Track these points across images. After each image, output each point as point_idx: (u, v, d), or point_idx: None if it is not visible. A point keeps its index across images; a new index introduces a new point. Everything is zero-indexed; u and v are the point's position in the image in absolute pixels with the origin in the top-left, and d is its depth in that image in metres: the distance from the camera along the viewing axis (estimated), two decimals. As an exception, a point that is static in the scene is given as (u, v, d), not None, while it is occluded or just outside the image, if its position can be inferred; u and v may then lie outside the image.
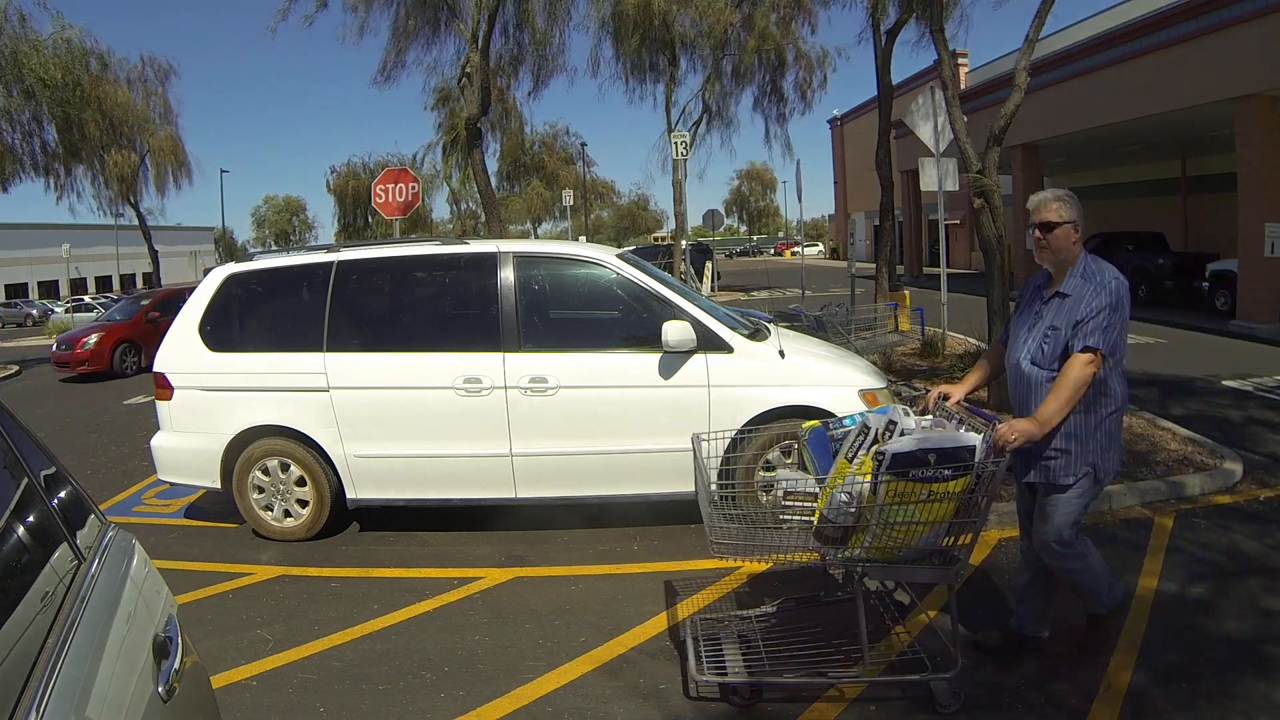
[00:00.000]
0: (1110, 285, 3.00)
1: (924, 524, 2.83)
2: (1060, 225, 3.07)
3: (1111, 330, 2.95)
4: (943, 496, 2.80)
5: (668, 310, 4.76)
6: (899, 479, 2.77)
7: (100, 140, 22.92)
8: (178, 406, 5.06)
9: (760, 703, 3.07)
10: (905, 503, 2.80)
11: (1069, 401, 2.93)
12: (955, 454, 2.79)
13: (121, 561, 1.74)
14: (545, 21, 17.99)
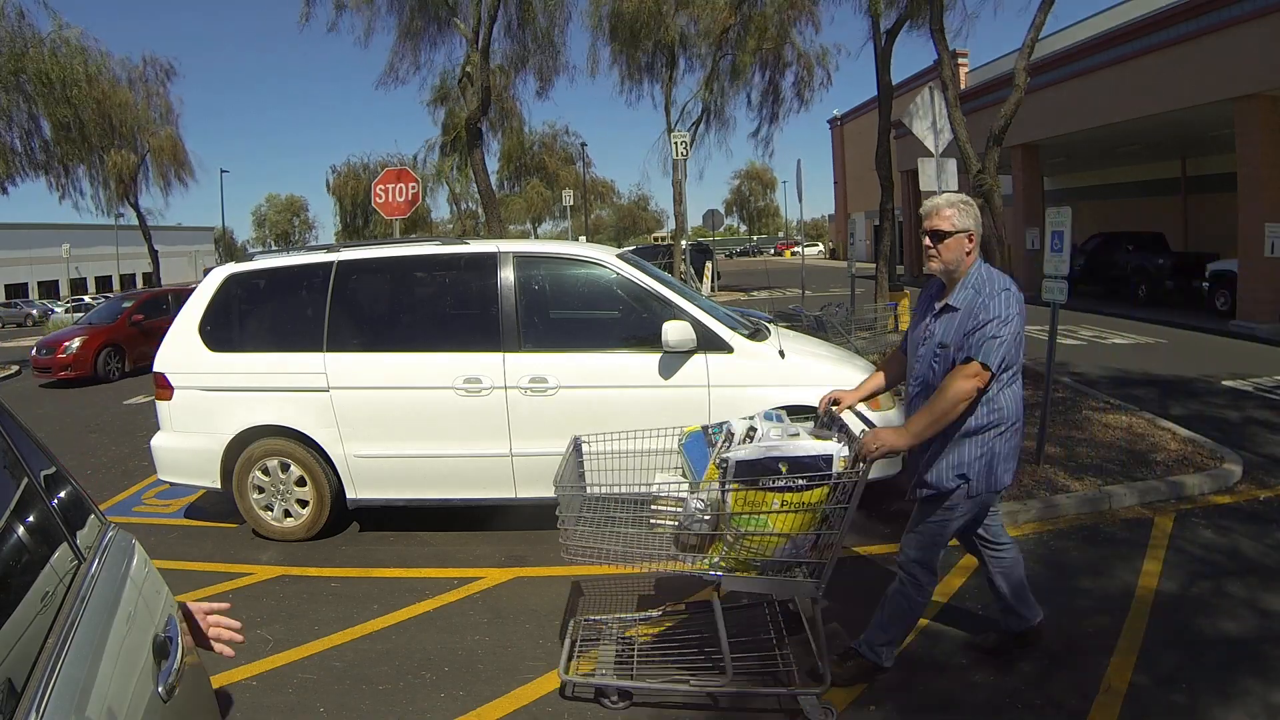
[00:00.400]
0: (1000, 297, 2.83)
1: (779, 535, 2.72)
2: (953, 234, 2.91)
3: (1000, 345, 2.78)
4: (797, 507, 2.70)
5: (668, 310, 4.76)
6: (748, 487, 2.70)
7: (100, 140, 22.91)
8: (178, 406, 5.06)
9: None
10: (756, 512, 2.70)
11: (943, 416, 2.79)
12: (811, 463, 2.70)
13: (121, 561, 1.74)
14: (545, 21, 18.02)
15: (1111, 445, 6.03)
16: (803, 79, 24.52)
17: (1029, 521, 4.81)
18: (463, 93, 16.89)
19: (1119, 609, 3.68)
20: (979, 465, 2.89)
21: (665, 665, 3.18)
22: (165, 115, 26.00)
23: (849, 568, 4.29)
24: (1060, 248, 5.45)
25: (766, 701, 3.05)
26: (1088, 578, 4.05)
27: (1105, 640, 3.40)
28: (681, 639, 3.35)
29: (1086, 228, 20.45)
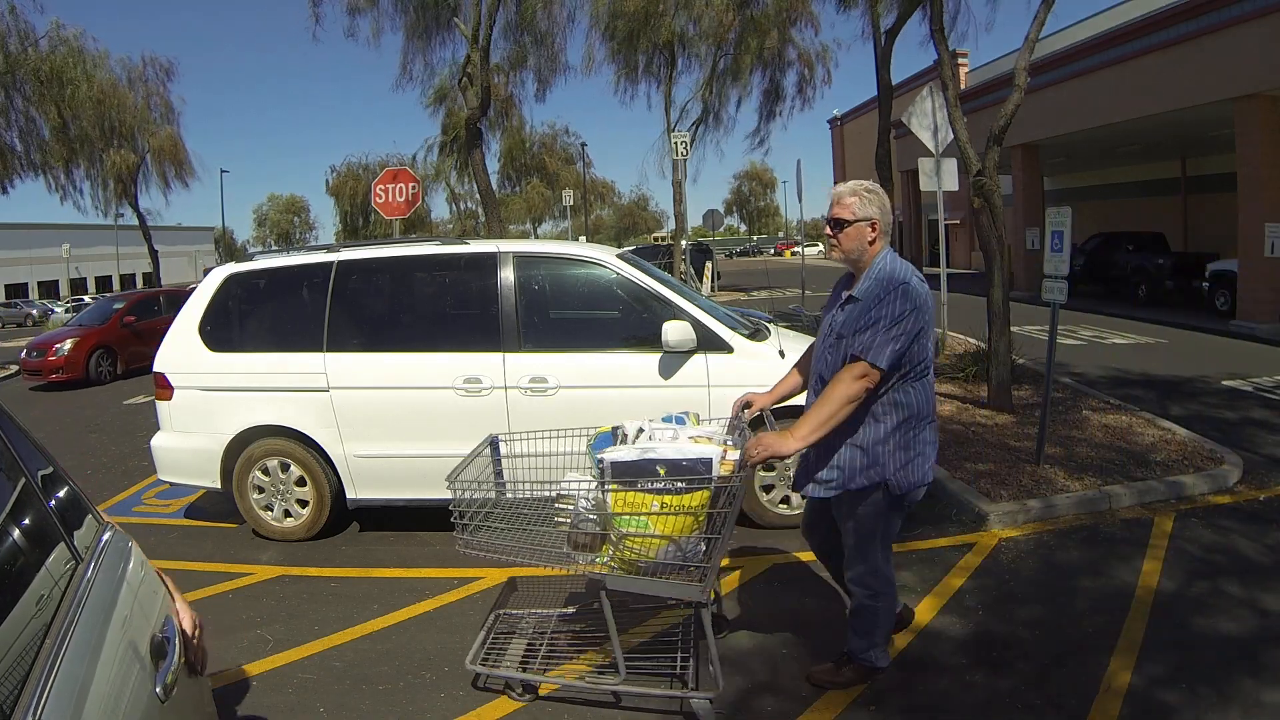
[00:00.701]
0: (898, 290, 2.73)
1: (661, 537, 2.72)
2: (853, 223, 2.84)
3: (895, 341, 2.69)
4: (678, 510, 2.69)
5: (668, 310, 4.76)
6: (626, 488, 2.70)
7: (99, 140, 22.91)
8: (178, 406, 5.06)
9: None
10: (636, 513, 2.71)
11: (830, 418, 2.70)
12: (689, 466, 2.68)
13: (119, 563, 1.74)
14: (545, 21, 18.03)
15: (1111, 445, 6.03)
16: (804, 77, 24.58)
17: (1029, 522, 4.81)
18: (463, 92, 16.88)
19: (1118, 609, 3.68)
20: (897, 464, 2.81)
21: (570, 662, 3.23)
22: (165, 115, 26.06)
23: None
24: (1060, 248, 5.45)
25: (669, 703, 3.03)
26: (1087, 578, 4.05)
27: (1105, 640, 3.40)
28: (591, 636, 3.39)
29: (1086, 228, 20.45)
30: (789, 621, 3.72)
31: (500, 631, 3.46)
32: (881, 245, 2.87)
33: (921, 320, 2.74)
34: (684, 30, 22.52)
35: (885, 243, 2.88)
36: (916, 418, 2.83)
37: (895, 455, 2.81)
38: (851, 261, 2.91)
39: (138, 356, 13.59)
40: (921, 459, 2.85)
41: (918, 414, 2.83)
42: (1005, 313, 7.30)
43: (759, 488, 4.80)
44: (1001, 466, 5.59)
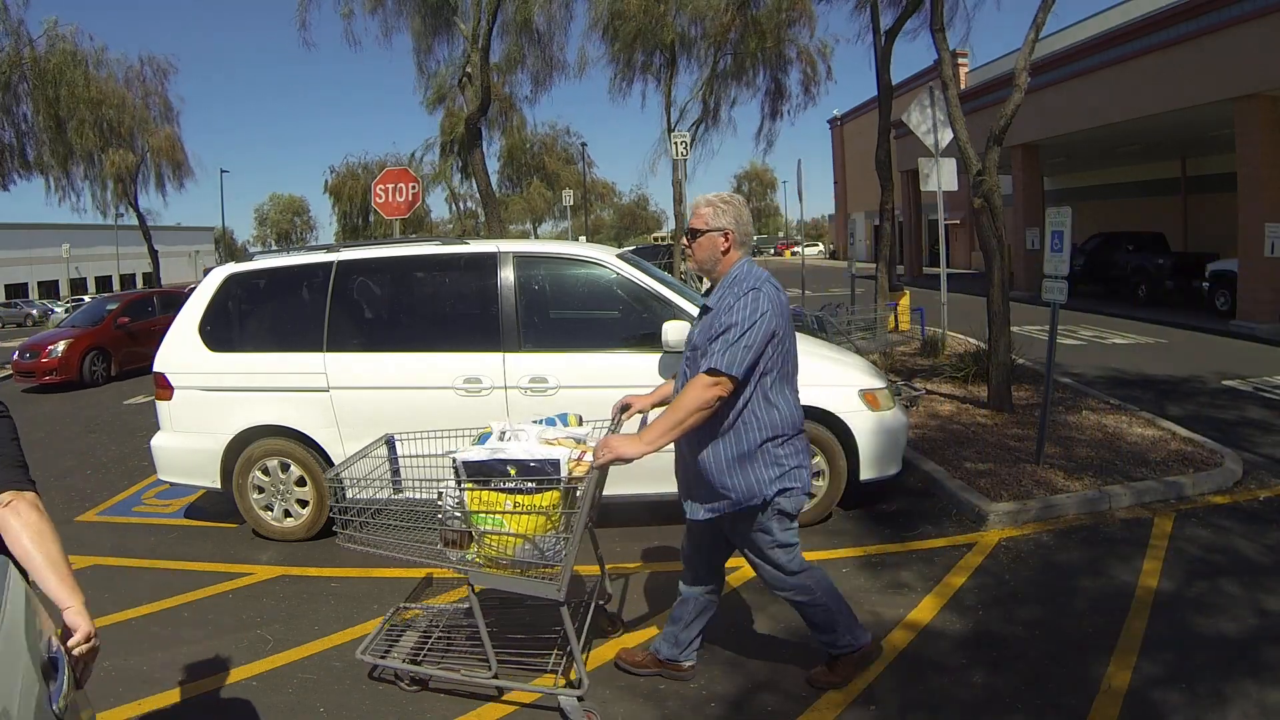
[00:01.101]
0: (746, 298, 2.72)
1: (516, 535, 2.79)
2: (705, 233, 2.86)
3: (745, 350, 2.67)
4: (530, 509, 2.76)
5: (668, 310, 4.76)
6: (481, 487, 2.78)
7: (97, 140, 22.90)
8: (178, 406, 5.06)
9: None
10: (491, 512, 2.78)
11: (677, 425, 2.70)
12: (538, 467, 2.74)
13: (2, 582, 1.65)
14: (544, 21, 18.03)
15: (1111, 445, 6.03)
16: (805, 76, 24.49)
17: (1029, 521, 4.81)
18: (462, 92, 16.88)
19: (1118, 609, 3.68)
20: (773, 476, 2.80)
21: (453, 656, 3.27)
22: (164, 114, 26.04)
23: (839, 568, 4.30)
24: (1060, 248, 5.45)
25: (548, 699, 3.05)
26: (1087, 578, 4.05)
27: (1105, 640, 3.40)
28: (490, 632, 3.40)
29: (1086, 228, 20.45)
30: (789, 621, 3.72)
31: (397, 625, 3.53)
32: (738, 256, 2.89)
33: (773, 327, 2.73)
34: (684, 30, 22.51)
35: (742, 253, 2.90)
36: (787, 429, 2.83)
37: (771, 469, 2.81)
38: (706, 271, 2.94)
39: (132, 358, 13.53)
40: (796, 469, 2.85)
41: (782, 424, 2.82)
42: (1005, 313, 7.30)
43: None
44: (1001, 466, 5.59)
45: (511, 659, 3.16)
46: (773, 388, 2.80)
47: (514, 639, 3.29)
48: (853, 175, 45.77)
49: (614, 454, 2.72)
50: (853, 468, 4.83)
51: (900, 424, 4.97)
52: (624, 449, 2.72)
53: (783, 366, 2.82)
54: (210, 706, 3.23)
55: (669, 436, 2.73)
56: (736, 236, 2.87)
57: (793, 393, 2.89)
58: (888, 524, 4.94)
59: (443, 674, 3.16)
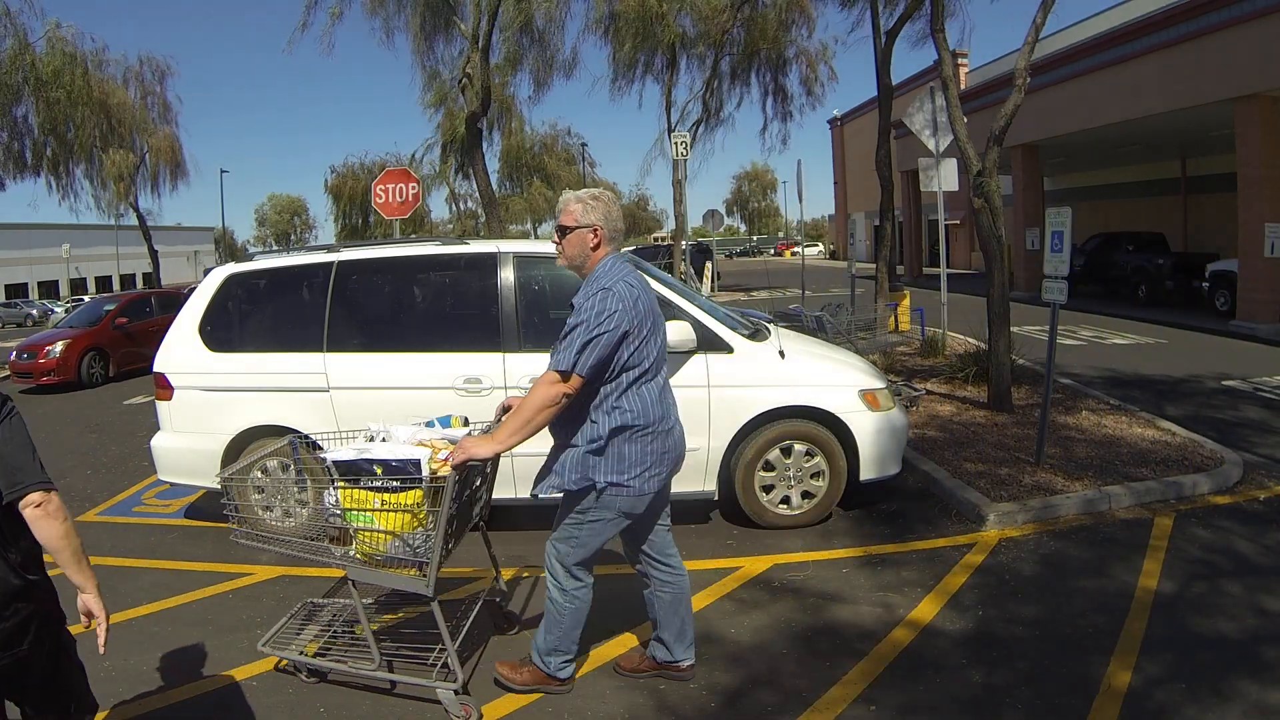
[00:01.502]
0: (596, 298, 2.73)
1: (385, 532, 2.89)
2: (574, 229, 2.88)
3: (591, 349, 2.69)
4: (396, 507, 2.84)
5: (668, 310, 4.75)
6: (352, 485, 2.88)
7: (97, 140, 22.91)
8: (178, 406, 5.06)
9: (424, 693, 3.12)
10: (362, 509, 2.88)
11: (526, 424, 2.74)
12: (400, 467, 2.83)
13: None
14: (544, 21, 18.03)
15: (1111, 445, 6.04)
16: (806, 78, 24.52)
17: (1028, 522, 4.81)
18: (463, 93, 16.88)
19: (1118, 609, 3.68)
20: (608, 470, 2.81)
21: (344, 649, 3.33)
22: (163, 115, 26.05)
23: (839, 568, 4.30)
24: (1060, 248, 5.45)
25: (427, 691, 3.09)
26: (1087, 578, 4.05)
27: (1105, 640, 3.40)
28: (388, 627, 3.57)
29: (1086, 228, 20.46)
30: (789, 621, 3.73)
31: (301, 617, 3.60)
32: (606, 252, 2.90)
33: (625, 326, 2.73)
34: (684, 31, 22.52)
35: (610, 249, 2.92)
36: (634, 428, 2.81)
37: (608, 463, 2.81)
38: (575, 268, 2.96)
39: (129, 358, 13.50)
40: (642, 470, 2.84)
41: (639, 424, 2.81)
42: (1005, 313, 7.30)
43: (759, 488, 4.80)
44: (1001, 466, 5.59)
45: (409, 653, 3.22)
46: (631, 386, 2.81)
47: (414, 633, 3.38)
48: (853, 175, 45.76)
49: (466, 454, 2.78)
50: (853, 468, 4.83)
51: (900, 424, 4.97)
52: (476, 450, 2.80)
53: (641, 365, 2.81)
54: (210, 706, 3.23)
55: (519, 435, 2.78)
56: (605, 233, 2.89)
57: (651, 393, 2.86)
58: (888, 524, 4.94)
59: (331, 665, 3.24)
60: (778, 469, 4.80)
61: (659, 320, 2.89)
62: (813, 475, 4.82)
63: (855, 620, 3.71)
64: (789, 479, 4.82)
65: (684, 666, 3.21)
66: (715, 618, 3.80)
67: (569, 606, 3.00)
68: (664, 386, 2.94)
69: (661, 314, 2.96)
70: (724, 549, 4.65)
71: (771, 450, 4.75)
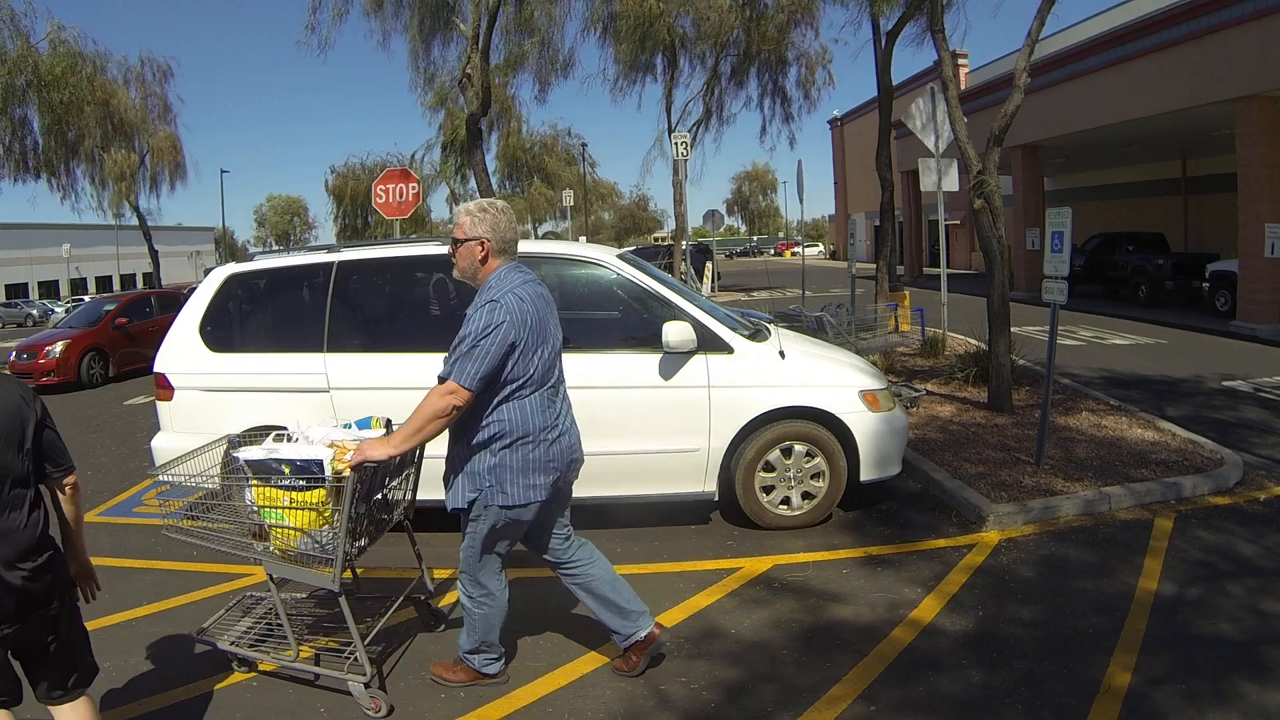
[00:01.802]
0: (483, 310, 2.79)
1: (295, 529, 3.01)
2: (464, 242, 2.91)
3: (477, 361, 2.75)
4: (303, 505, 2.98)
5: (668, 311, 4.76)
6: (264, 484, 3.01)
7: (99, 140, 22.93)
8: (178, 407, 5.06)
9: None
10: (272, 506, 3.01)
11: (418, 430, 2.81)
12: (304, 466, 2.95)
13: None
14: (544, 21, 18.02)
15: (1111, 446, 6.04)
16: (806, 79, 24.51)
17: (1028, 523, 4.81)
18: (462, 93, 16.88)
19: (1118, 609, 3.68)
20: (490, 480, 2.88)
21: (267, 640, 3.41)
22: (164, 115, 26.05)
23: (840, 568, 4.30)
24: (1060, 248, 5.45)
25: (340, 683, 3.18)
26: (1087, 579, 4.05)
27: (1105, 640, 3.41)
28: (299, 619, 3.69)
29: (1086, 228, 20.45)
30: (789, 620, 3.73)
31: (237, 609, 3.69)
32: (496, 264, 2.93)
33: (512, 338, 2.78)
34: (685, 31, 22.53)
35: (501, 261, 2.94)
36: (517, 438, 2.86)
37: (493, 471, 2.88)
38: (468, 279, 3.00)
39: (129, 358, 13.48)
40: (524, 479, 2.89)
41: (519, 434, 2.86)
42: (1005, 313, 7.30)
43: (759, 489, 4.80)
44: (1001, 467, 5.59)
45: (336, 646, 3.35)
46: (519, 396, 2.87)
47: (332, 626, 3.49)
48: (853, 176, 45.76)
49: (362, 456, 2.88)
50: (853, 468, 4.83)
51: (900, 425, 4.97)
52: (371, 452, 2.88)
53: (523, 376, 2.85)
54: (210, 706, 3.23)
55: (411, 441, 2.88)
56: (494, 245, 2.91)
57: (534, 404, 2.90)
58: (888, 524, 4.94)
59: (259, 656, 3.35)
60: (778, 469, 4.80)
61: (548, 332, 2.94)
62: (813, 476, 4.82)
63: (855, 620, 3.71)
64: (789, 479, 4.82)
65: (656, 633, 3.26)
66: (716, 617, 3.80)
67: (479, 612, 3.10)
68: (553, 396, 2.99)
69: (553, 325, 3.02)
70: (724, 549, 4.65)
71: (772, 451, 4.75)
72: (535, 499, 2.93)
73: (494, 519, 2.93)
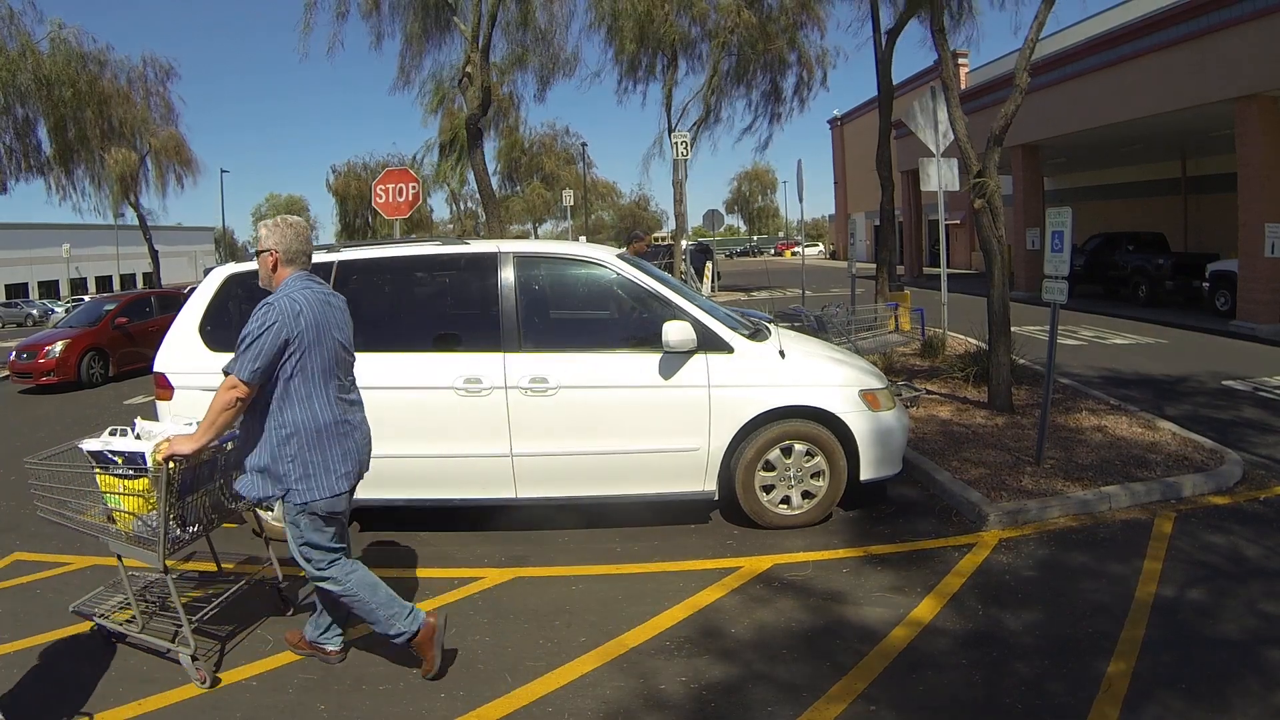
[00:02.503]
0: (260, 311, 3.04)
1: (129, 513, 3.35)
2: (260, 253, 3.21)
3: (252, 358, 3.00)
4: (132, 492, 3.32)
5: (668, 310, 4.76)
6: (105, 472, 3.33)
7: (100, 140, 22.93)
8: (178, 407, 5.04)
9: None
10: (112, 492, 3.36)
11: (211, 424, 3.10)
12: (131, 458, 3.27)
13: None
14: (546, 20, 18.04)
15: (1111, 446, 6.03)
16: (805, 80, 24.51)
17: (1028, 522, 4.81)
18: (462, 93, 16.89)
19: (1118, 610, 3.68)
20: (293, 475, 3.10)
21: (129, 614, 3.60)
22: (165, 115, 26.05)
23: (840, 568, 4.30)
24: (1060, 248, 5.45)
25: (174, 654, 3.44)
26: (1087, 578, 4.05)
27: (1105, 641, 3.41)
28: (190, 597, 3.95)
29: (1086, 228, 20.45)
30: (789, 620, 3.73)
31: (115, 587, 3.86)
32: (287, 272, 3.19)
33: (285, 335, 3.02)
34: (686, 31, 22.53)
35: (291, 270, 3.19)
36: (308, 432, 3.10)
37: (293, 467, 3.11)
38: (265, 286, 3.25)
39: (129, 358, 13.46)
40: (322, 473, 3.12)
41: (308, 429, 3.10)
42: (1005, 313, 7.30)
43: (759, 488, 4.80)
44: (1001, 467, 5.59)
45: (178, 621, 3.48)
46: (299, 391, 3.10)
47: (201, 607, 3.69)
48: (853, 175, 45.77)
49: (171, 449, 3.15)
50: (853, 468, 4.83)
51: (900, 424, 4.97)
52: (179, 446, 3.16)
53: (304, 373, 3.09)
54: (210, 706, 3.23)
55: (209, 434, 3.13)
56: (282, 255, 3.19)
57: (322, 401, 3.13)
58: (888, 524, 4.94)
59: (121, 630, 3.60)
60: (778, 469, 4.80)
61: (327, 334, 3.14)
62: (813, 475, 4.82)
63: (855, 620, 3.71)
64: (789, 479, 4.82)
65: (328, 650, 3.50)
66: (716, 616, 3.80)
67: (363, 595, 3.24)
68: (340, 393, 3.22)
69: (336, 329, 3.21)
70: (724, 549, 4.65)
71: (772, 450, 4.75)
72: (340, 489, 3.17)
73: (305, 512, 3.15)
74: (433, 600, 4.13)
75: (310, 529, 3.18)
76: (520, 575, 4.44)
